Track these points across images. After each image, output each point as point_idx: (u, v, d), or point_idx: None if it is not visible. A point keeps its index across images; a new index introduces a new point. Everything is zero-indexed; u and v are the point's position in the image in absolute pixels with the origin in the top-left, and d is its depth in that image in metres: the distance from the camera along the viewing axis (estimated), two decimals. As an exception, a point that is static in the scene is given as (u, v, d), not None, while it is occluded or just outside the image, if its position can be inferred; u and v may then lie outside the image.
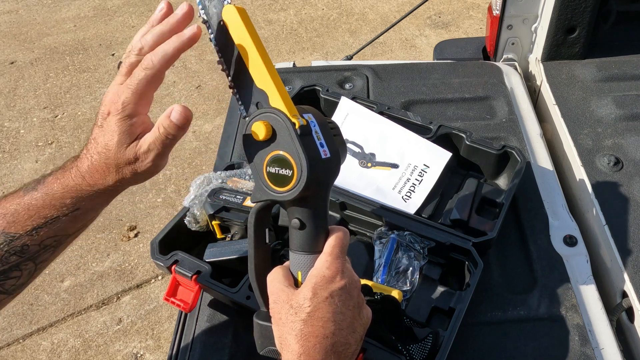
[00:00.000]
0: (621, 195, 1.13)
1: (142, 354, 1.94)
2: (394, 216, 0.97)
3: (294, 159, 0.59)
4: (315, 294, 0.59)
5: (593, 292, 0.98)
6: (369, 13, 3.62)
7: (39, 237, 0.64)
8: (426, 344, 0.80)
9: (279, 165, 0.60)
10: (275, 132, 0.60)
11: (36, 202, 0.63)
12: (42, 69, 3.23)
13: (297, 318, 0.58)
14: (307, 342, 0.57)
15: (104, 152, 0.62)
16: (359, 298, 0.64)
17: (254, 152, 0.61)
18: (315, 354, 0.57)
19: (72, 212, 0.65)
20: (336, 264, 0.62)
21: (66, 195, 0.64)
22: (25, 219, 0.63)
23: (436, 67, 1.46)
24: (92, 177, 0.64)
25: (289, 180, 0.60)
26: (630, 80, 1.41)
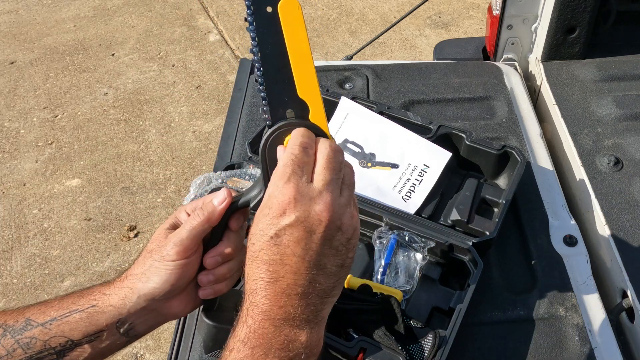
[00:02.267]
0: (621, 195, 1.13)
1: (142, 354, 1.94)
2: (394, 216, 0.97)
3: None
4: (259, 229, 0.50)
5: (593, 292, 0.98)
6: (369, 13, 3.62)
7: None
8: (426, 344, 0.80)
9: None
10: None
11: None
12: (42, 69, 3.23)
13: (248, 256, 0.52)
14: (252, 283, 0.51)
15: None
16: (329, 228, 0.50)
17: (273, 161, 0.56)
18: (266, 298, 0.50)
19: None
20: (287, 188, 0.50)
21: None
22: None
23: (436, 67, 1.46)
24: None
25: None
26: (630, 80, 1.41)
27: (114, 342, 0.61)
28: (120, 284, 0.61)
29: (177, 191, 2.51)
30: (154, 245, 0.62)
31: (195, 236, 0.60)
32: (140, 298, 0.60)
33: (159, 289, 0.60)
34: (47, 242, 2.31)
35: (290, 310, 0.50)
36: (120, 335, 0.61)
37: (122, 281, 0.62)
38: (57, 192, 2.52)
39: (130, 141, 2.76)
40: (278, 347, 0.50)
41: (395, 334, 0.80)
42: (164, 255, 0.60)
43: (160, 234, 0.63)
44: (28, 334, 0.57)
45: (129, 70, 3.20)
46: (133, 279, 0.61)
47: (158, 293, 0.60)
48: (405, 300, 0.90)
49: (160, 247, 0.61)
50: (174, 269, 0.60)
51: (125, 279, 0.62)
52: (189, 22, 3.58)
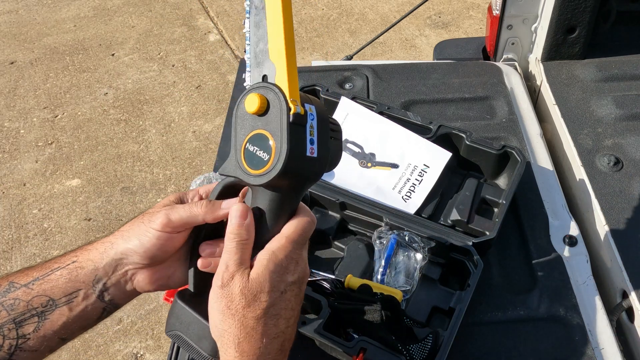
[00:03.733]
0: (621, 195, 1.13)
1: (142, 354, 1.94)
2: (394, 216, 0.97)
3: (275, 144, 0.54)
4: (273, 286, 0.54)
5: (593, 292, 0.98)
6: (369, 13, 3.62)
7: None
8: (426, 344, 0.80)
9: (259, 145, 0.55)
10: (267, 110, 0.55)
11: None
12: (42, 69, 3.23)
13: (251, 314, 0.54)
14: (257, 342, 0.54)
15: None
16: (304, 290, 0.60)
17: (240, 122, 0.57)
18: (264, 355, 0.54)
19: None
20: (295, 252, 0.57)
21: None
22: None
23: (436, 67, 1.46)
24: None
25: (262, 164, 0.55)
26: (630, 80, 1.41)
27: (91, 305, 0.61)
28: (104, 239, 0.62)
29: (177, 191, 2.51)
30: (151, 210, 0.63)
31: (188, 222, 0.60)
32: (116, 254, 0.60)
33: (134, 251, 0.60)
34: (47, 242, 2.31)
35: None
36: (96, 298, 0.61)
37: (106, 237, 0.62)
38: (57, 192, 2.52)
39: (130, 141, 2.76)
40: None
41: (395, 334, 0.80)
42: (151, 220, 0.60)
43: (162, 204, 0.64)
44: (11, 296, 0.58)
45: (129, 70, 3.20)
46: (117, 235, 0.62)
47: (132, 254, 0.60)
48: (405, 300, 0.90)
49: (152, 213, 0.61)
50: (153, 238, 0.60)
51: (109, 235, 0.63)
52: (189, 22, 3.58)
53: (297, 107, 0.54)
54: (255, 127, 0.56)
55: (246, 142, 0.56)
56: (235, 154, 0.57)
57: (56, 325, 0.59)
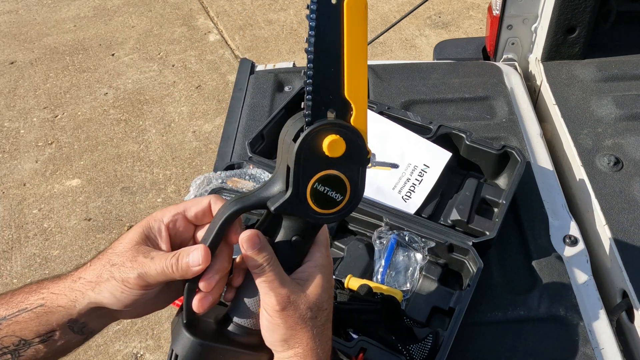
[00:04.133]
0: (621, 195, 1.13)
1: (142, 354, 1.94)
2: (394, 216, 0.97)
3: (351, 188, 0.55)
4: (329, 294, 0.59)
5: (593, 292, 0.98)
6: (369, 13, 3.62)
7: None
8: (426, 344, 0.80)
9: (332, 186, 0.54)
10: (347, 154, 0.53)
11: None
12: (42, 69, 3.23)
13: (319, 322, 0.57)
14: (328, 344, 0.59)
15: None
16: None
17: (308, 159, 0.53)
18: (330, 353, 0.59)
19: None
20: (330, 256, 0.61)
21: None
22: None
23: (436, 67, 1.46)
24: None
25: (334, 205, 0.55)
26: (630, 80, 1.41)
27: (70, 340, 0.59)
28: (70, 285, 0.58)
29: (177, 191, 2.51)
30: (117, 258, 0.57)
31: (162, 280, 0.56)
32: (90, 304, 0.57)
33: (112, 304, 0.57)
34: (47, 242, 2.31)
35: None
36: (74, 334, 0.59)
37: (73, 282, 0.58)
38: (57, 192, 2.52)
39: (130, 141, 2.76)
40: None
41: (395, 334, 0.80)
42: (124, 279, 0.56)
43: (128, 248, 0.58)
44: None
45: (129, 70, 3.20)
46: (85, 285, 0.57)
47: (110, 306, 0.58)
48: (405, 300, 0.90)
49: (123, 267, 0.56)
50: (130, 295, 0.57)
51: (77, 280, 0.58)
52: (189, 22, 3.58)
53: (371, 151, 0.55)
54: (327, 168, 0.54)
55: (315, 182, 0.54)
56: (299, 191, 0.54)
57: (34, 358, 0.57)
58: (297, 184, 0.54)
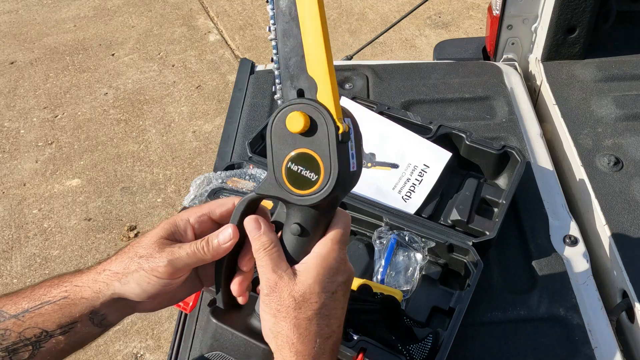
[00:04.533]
0: (621, 195, 1.13)
1: (142, 354, 1.94)
2: (394, 216, 0.97)
3: (324, 165, 0.53)
4: (323, 288, 0.55)
5: (593, 292, 0.98)
6: (369, 13, 3.62)
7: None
8: (426, 344, 0.80)
9: (305, 165, 0.53)
10: (312, 129, 0.52)
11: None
12: (42, 69, 3.23)
13: (302, 315, 0.54)
14: (311, 343, 0.54)
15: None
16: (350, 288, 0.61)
17: (278, 140, 0.54)
18: (318, 355, 0.55)
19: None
20: (342, 253, 0.58)
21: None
22: None
23: (436, 67, 1.46)
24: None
25: (310, 184, 0.53)
26: (630, 80, 1.41)
27: (89, 332, 0.60)
28: (95, 277, 0.60)
29: (177, 191, 2.51)
30: (144, 250, 0.59)
31: (194, 264, 0.59)
32: (114, 295, 0.59)
33: (136, 295, 0.59)
34: (47, 242, 2.31)
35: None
36: (94, 326, 0.60)
37: (97, 274, 0.60)
38: (57, 192, 2.52)
39: (130, 141, 2.75)
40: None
41: (395, 334, 0.80)
42: (153, 268, 0.58)
43: (155, 241, 0.60)
44: (1, 326, 0.57)
45: (129, 70, 3.20)
46: (111, 277, 0.59)
47: (134, 298, 0.59)
48: (405, 300, 0.90)
49: (151, 257, 0.58)
50: (158, 285, 0.58)
51: (102, 272, 0.60)
52: (189, 22, 3.58)
53: (343, 125, 0.53)
54: (298, 146, 0.53)
55: (288, 162, 0.54)
56: (274, 173, 0.55)
57: (53, 350, 0.59)
58: (273, 166, 0.55)
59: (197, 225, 0.62)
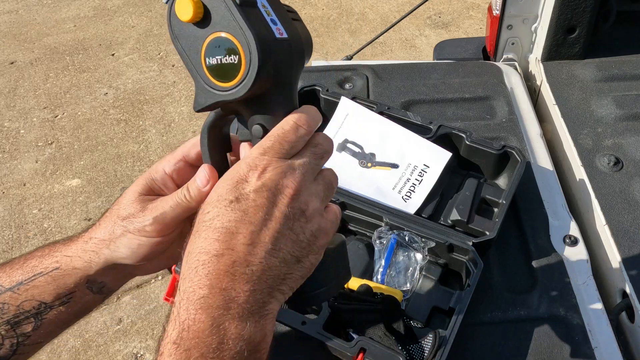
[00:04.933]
0: (621, 195, 1.13)
1: (142, 354, 1.94)
2: (394, 216, 0.97)
3: (238, 39, 0.44)
4: (220, 197, 0.44)
5: (593, 292, 0.98)
6: (369, 13, 3.62)
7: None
8: (426, 344, 0.80)
9: (221, 52, 0.45)
10: (208, 10, 0.45)
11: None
12: (42, 69, 3.23)
13: (196, 229, 0.45)
14: (194, 258, 0.43)
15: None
16: (292, 206, 0.45)
17: (185, 41, 0.47)
18: (207, 277, 0.43)
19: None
20: (260, 158, 0.45)
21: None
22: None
23: (436, 67, 1.46)
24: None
25: (236, 68, 0.45)
26: (630, 80, 1.41)
27: (90, 300, 0.58)
28: (83, 246, 0.57)
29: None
30: (125, 211, 0.55)
31: (182, 216, 0.54)
32: (107, 262, 0.56)
33: (130, 259, 0.56)
34: (47, 242, 2.31)
35: (233, 295, 0.42)
36: (94, 294, 0.58)
37: (85, 243, 0.57)
38: (57, 192, 2.52)
39: (130, 141, 2.76)
40: (216, 346, 0.42)
41: (395, 334, 0.80)
42: (139, 228, 0.54)
43: (134, 200, 0.55)
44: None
45: (129, 70, 3.20)
46: (98, 244, 0.56)
47: (128, 262, 0.56)
48: (405, 300, 0.90)
49: (134, 217, 0.54)
50: (149, 245, 0.54)
51: (88, 241, 0.56)
52: (189, 22, 3.58)
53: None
54: (206, 35, 0.46)
55: (204, 57, 0.46)
56: (199, 78, 0.47)
57: (56, 321, 0.58)
58: (195, 72, 0.47)
59: (175, 174, 0.57)
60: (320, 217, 0.47)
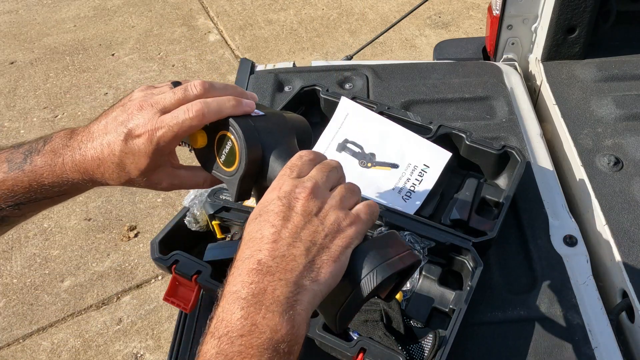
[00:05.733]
0: (621, 195, 1.13)
1: (142, 354, 1.94)
2: (394, 216, 0.97)
3: (228, 131, 0.58)
4: (249, 220, 0.52)
5: (593, 292, 0.98)
6: (369, 13, 3.62)
7: (20, 211, 0.62)
8: (426, 344, 0.80)
9: (222, 145, 0.60)
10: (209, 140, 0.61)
11: (22, 184, 0.59)
12: (42, 69, 3.23)
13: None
14: (232, 266, 0.50)
15: (117, 161, 0.59)
16: (305, 207, 0.51)
17: (208, 160, 0.63)
18: (239, 276, 0.48)
19: (57, 195, 0.62)
20: (276, 182, 0.54)
21: (55, 183, 0.60)
22: (8, 196, 0.60)
23: (436, 67, 1.46)
24: (92, 177, 0.61)
25: (234, 153, 0.58)
26: (630, 80, 1.41)
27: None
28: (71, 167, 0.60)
29: (177, 191, 2.50)
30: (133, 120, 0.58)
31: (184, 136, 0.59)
32: (95, 184, 0.62)
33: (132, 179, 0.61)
34: (47, 242, 2.31)
35: (261, 287, 0.46)
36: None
37: (75, 164, 0.60)
38: (57, 192, 2.51)
39: (130, 141, 2.75)
40: (246, 334, 0.45)
41: (395, 334, 0.80)
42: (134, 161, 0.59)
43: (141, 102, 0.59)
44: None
45: (129, 70, 3.20)
46: (88, 164, 0.59)
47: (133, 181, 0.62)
48: (405, 300, 0.90)
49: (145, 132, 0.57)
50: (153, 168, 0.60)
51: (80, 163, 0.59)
52: (189, 22, 3.58)
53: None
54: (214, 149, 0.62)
55: (219, 157, 0.61)
56: (226, 179, 0.62)
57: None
58: (221, 175, 0.63)
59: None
60: (339, 210, 0.52)
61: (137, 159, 0.58)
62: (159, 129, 0.57)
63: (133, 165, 0.59)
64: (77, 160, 0.59)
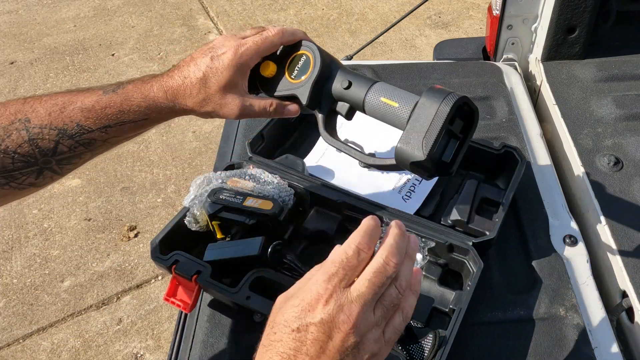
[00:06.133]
0: (621, 195, 1.13)
1: (142, 354, 1.94)
2: (394, 216, 0.97)
3: (301, 50, 0.78)
4: (286, 322, 0.49)
5: (593, 292, 0.98)
6: (369, 13, 3.62)
7: (107, 135, 0.69)
8: (426, 344, 0.80)
9: (294, 63, 0.78)
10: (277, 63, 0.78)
11: (114, 104, 0.68)
12: (42, 69, 3.23)
13: (263, 343, 0.50)
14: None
15: (203, 82, 0.71)
16: (345, 341, 0.48)
17: (274, 86, 0.78)
18: None
19: (141, 119, 0.70)
20: (324, 288, 0.49)
21: (142, 104, 0.70)
22: (100, 116, 0.68)
23: (436, 67, 1.46)
24: (175, 96, 0.71)
25: (308, 64, 0.77)
26: (630, 80, 1.41)
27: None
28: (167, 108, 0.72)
29: (177, 191, 2.51)
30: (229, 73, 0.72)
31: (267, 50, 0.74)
32: (173, 112, 0.74)
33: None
34: (47, 242, 2.31)
35: None
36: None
37: (161, 84, 0.73)
38: (57, 192, 2.52)
39: (130, 141, 2.75)
40: None
41: (395, 334, 0.80)
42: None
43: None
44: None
45: (129, 70, 3.20)
46: (174, 82, 0.73)
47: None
48: (405, 300, 0.90)
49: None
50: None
51: (166, 82, 0.73)
52: (189, 22, 3.59)
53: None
54: (282, 71, 0.80)
55: (289, 74, 0.78)
56: (291, 86, 0.80)
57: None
58: (286, 86, 0.80)
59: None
60: (375, 343, 0.50)
61: (220, 72, 0.69)
62: (243, 45, 0.70)
63: (214, 80, 0.69)
64: (164, 81, 0.72)
